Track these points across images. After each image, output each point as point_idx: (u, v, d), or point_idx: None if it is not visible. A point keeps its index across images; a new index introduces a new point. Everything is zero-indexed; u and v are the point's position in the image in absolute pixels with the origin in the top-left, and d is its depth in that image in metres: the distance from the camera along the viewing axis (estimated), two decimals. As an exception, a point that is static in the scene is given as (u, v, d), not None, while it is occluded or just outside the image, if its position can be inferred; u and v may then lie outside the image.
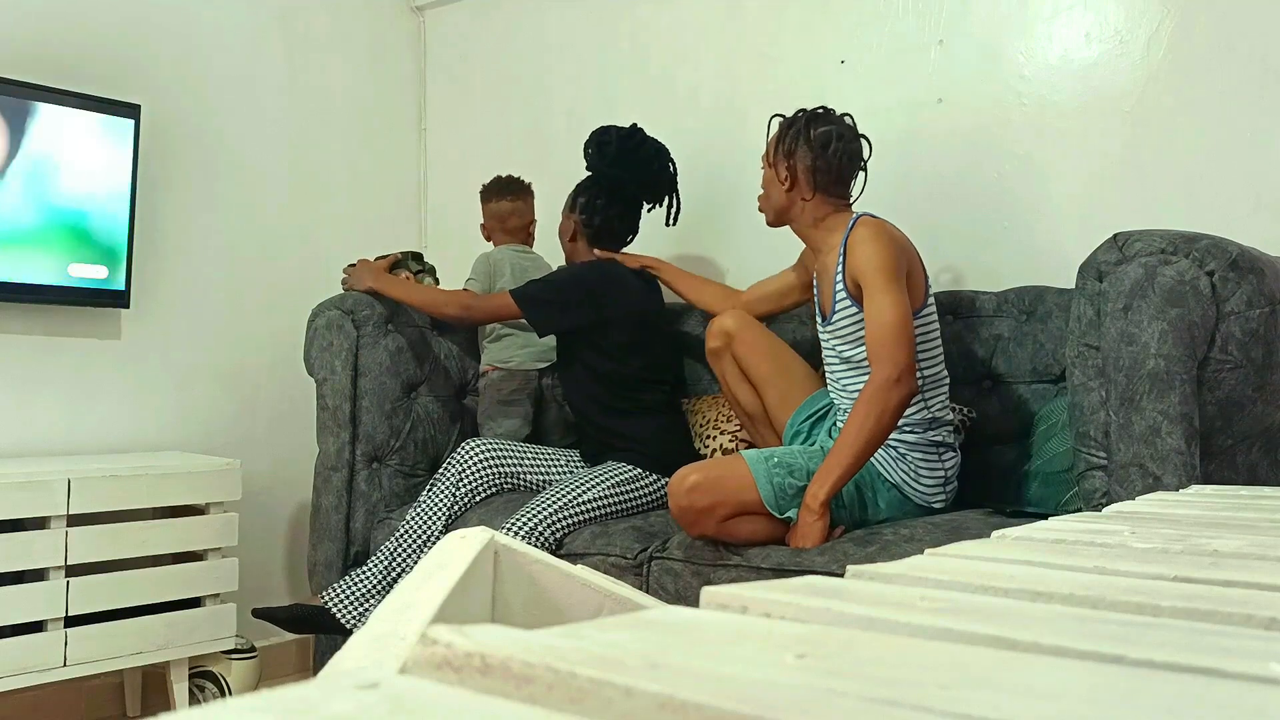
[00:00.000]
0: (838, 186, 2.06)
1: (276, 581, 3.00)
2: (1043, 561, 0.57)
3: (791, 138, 2.06)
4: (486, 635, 0.32)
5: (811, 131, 2.05)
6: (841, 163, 2.05)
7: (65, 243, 2.47)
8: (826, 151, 2.03)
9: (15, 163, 2.39)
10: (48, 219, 2.44)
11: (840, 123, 2.07)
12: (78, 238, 2.49)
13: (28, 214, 2.42)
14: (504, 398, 2.63)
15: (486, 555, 0.80)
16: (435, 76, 3.44)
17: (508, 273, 2.67)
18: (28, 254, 2.42)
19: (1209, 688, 0.31)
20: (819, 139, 2.04)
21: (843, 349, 2.05)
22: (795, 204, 2.08)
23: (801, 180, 2.05)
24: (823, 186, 2.05)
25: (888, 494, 1.98)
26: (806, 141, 2.04)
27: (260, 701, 0.27)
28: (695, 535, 1.93)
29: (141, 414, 2.72)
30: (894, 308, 1.87)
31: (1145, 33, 2.22)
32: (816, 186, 2.05)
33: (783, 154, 2.07)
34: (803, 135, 2.05)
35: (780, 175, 2.08)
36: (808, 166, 2.04)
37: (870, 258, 1.91)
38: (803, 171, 2.05)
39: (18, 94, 2.38)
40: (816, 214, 2.07)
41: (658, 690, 0.27)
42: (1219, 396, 1.57)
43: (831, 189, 2.06)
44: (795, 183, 2.06)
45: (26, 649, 2.14)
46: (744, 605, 0.42)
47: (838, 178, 2.06)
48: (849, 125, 2.08)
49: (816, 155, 2.04)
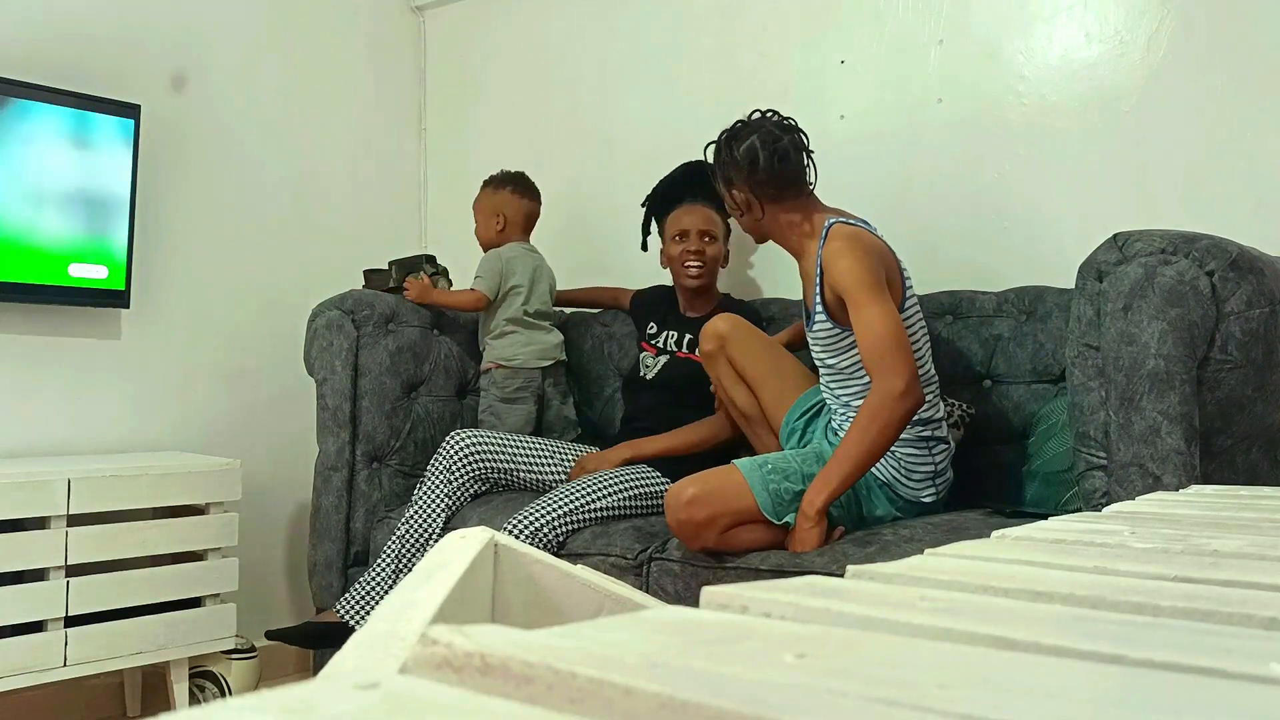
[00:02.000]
0: (787, 190, 2.04)
1: (276, 581, 3.00)
2: (1043, 561, 0.57)
3: (722, 168, 2.06)
4: (486, 635, 0.32)
5: (734, 153, 2.02)
6: (778, 169, 2.02)
7: (65, 243, 2.47)
8: (758, 167, 2.00)
9: (15, 163, 2.39)
10: (48, 219, 2.44)
11: (759, 128, 2.03)
12: (78, 238, 2.49)
13: (28, 214, 2.42)
14: (508, 395, 2.63)
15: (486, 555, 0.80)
16: (435, 76, 3.44)
17: (518, 271, 2.65)
18: (28, 254, 2.42)
19: (1209, 688, 0.31)
20: (745, 158, 2.01)
21: (825, 357, 2.05)
22: (760, 224, 2.08)
23: (752, 202, 2.05)
24: (772, 198, 2.03)
25: (880, 492, 1.99)
26: (735, 167, 2.03)
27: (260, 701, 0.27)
28: (696, 548, 1.92)
29: (141, 414, 2.72)
30: (884, 319, 1.85)
31: (1145, 33, 2.22)
32: (766, 201, 2.04)
33: (724, 185, 2.07)
34: (729, 162, 2.04)
35: (733, 206, 2.09)
36: (748, 188, 2.03)
37: (848, 272, 1.89)
38: (747, 194, 2.04)
39: (18, 94, 2.38)
40: (783, 223, 2.06)
41: (658, 690, 0.27)
42: (1219, 396, 1.57)
43: (783, 195, 2.04)
44: (749, 206, 2.06)
45: (26, 649, 2.14)
46: (744, 605, 0.42)
47: (782, 183, 2.03)
48: (770, 126, 2.04)
49: (749, 174, 2.02)
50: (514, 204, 2.71)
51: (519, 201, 2.71)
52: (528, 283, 2.66)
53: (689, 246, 2.45)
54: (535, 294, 2.67)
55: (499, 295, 2.64)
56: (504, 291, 2.64)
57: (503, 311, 2.65)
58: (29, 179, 2.41)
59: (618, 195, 2.93)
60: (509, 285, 2.64)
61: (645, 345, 2.59)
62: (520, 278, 2.64)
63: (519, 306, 2.64)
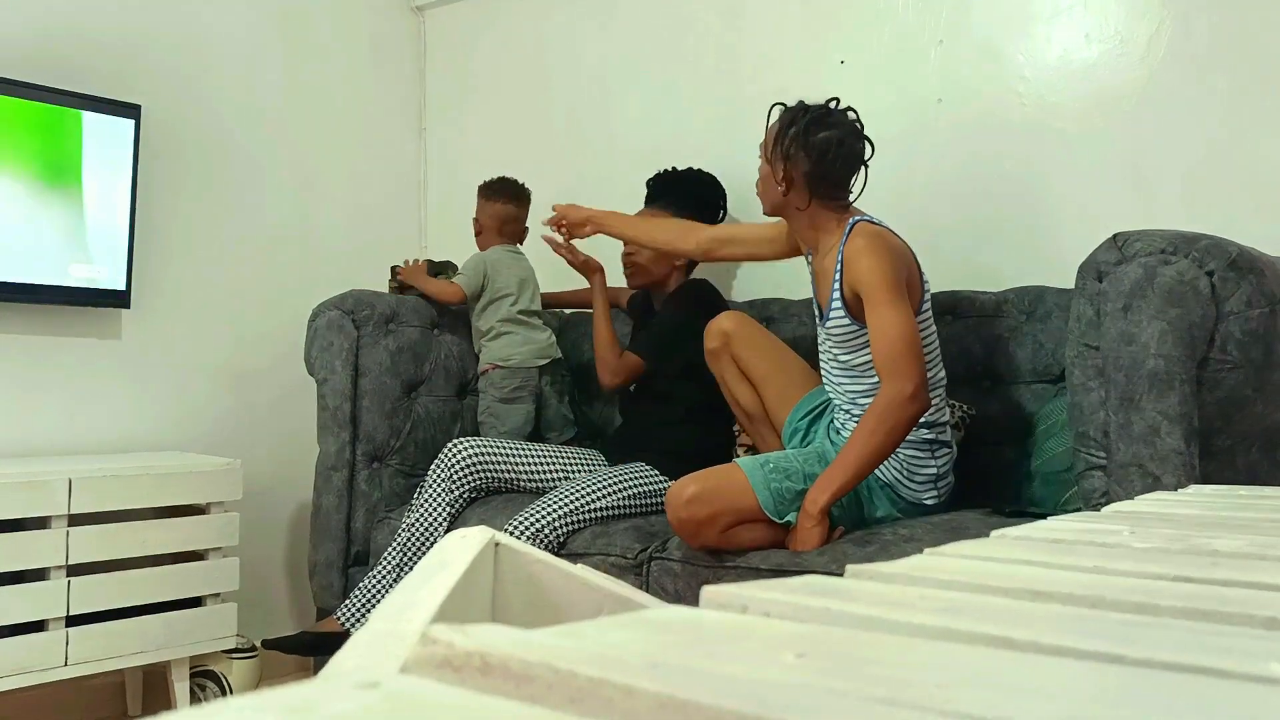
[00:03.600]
0: (835, 191, 2.01)
1: (277, 581, 3.00)
2: (1042, 561, 0.57)
3: (790, 140, 1.99)
4: (486, 635, 0.32)
5: (811, 137, 1.97)
6: (840, 171, 1.99)
7: (65, 243, 2.47)
8: (825, 159, 1.96)
9: (15, 163, 2.39)
10: (48, 219, 2.44)
11: (843, 124, 1.99)
12: (78, 238, 2.49)
13: (28, 214, 2.41)
14: (506, 396, 2.63)
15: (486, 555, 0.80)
16: (435, 76, 3.44)
17: (502, 273, 2.67)
18: (28, 254, 2.42)
19: (1209, 688, 0.31)
20: (818, 145, 1.96)
21: (838, 353, 2.04)
22: (789, 205, 2.04)
23: (798, 185, 2.00)
24: (819, 192, 1.99)
25: (882, 493, 1.99)
26: (805, 147, 1.97)
27: (260, 701, 0.27)
28: (696, 547, 1.92)
29: (141, 414, 2.72)
30: (900, 323, 1.84)
31: (1145, 33, 2.22)
32: (813, 194, 1.99)
33: (780, 155, 2.00)
34: (801, 139, 1.97)
35: (776, 175, 2.02)
36: (805, 173, 1.98)
37: (870, 270, 1.87)
38: (799, 177, 1.99)
39: (18, 94, 2.38)
40: (813, 219, 2.04)
41: (658, 690, 0.27)
42: (1218, 396, 1.57)
43: (828, 195, 2.01)
44: (791, 186, 2.01)
45: (27, 649, 2.14)
46: (744, 605, 0.42)
47: (835, 184, 2.00)
48: (852, 126, 2.00)
49: (815, 163, 1.96)
50: (486, 209, 2.75)
51: (490, 206, 2.74)
52: (515, 284, 2.67)
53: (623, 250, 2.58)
54: (524, 295, 2.68)
55: (479, 295, 2.66)
56: (492, 294, 2.66)
57: (494, 313, 2.66)
58: (29, 178, 2.41)
59: (618, 195, 2.93)
60: (496, 288, 2.65)
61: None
62: (506, 279, 2.66)
63: (509, 307, 2.66)
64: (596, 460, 2.54)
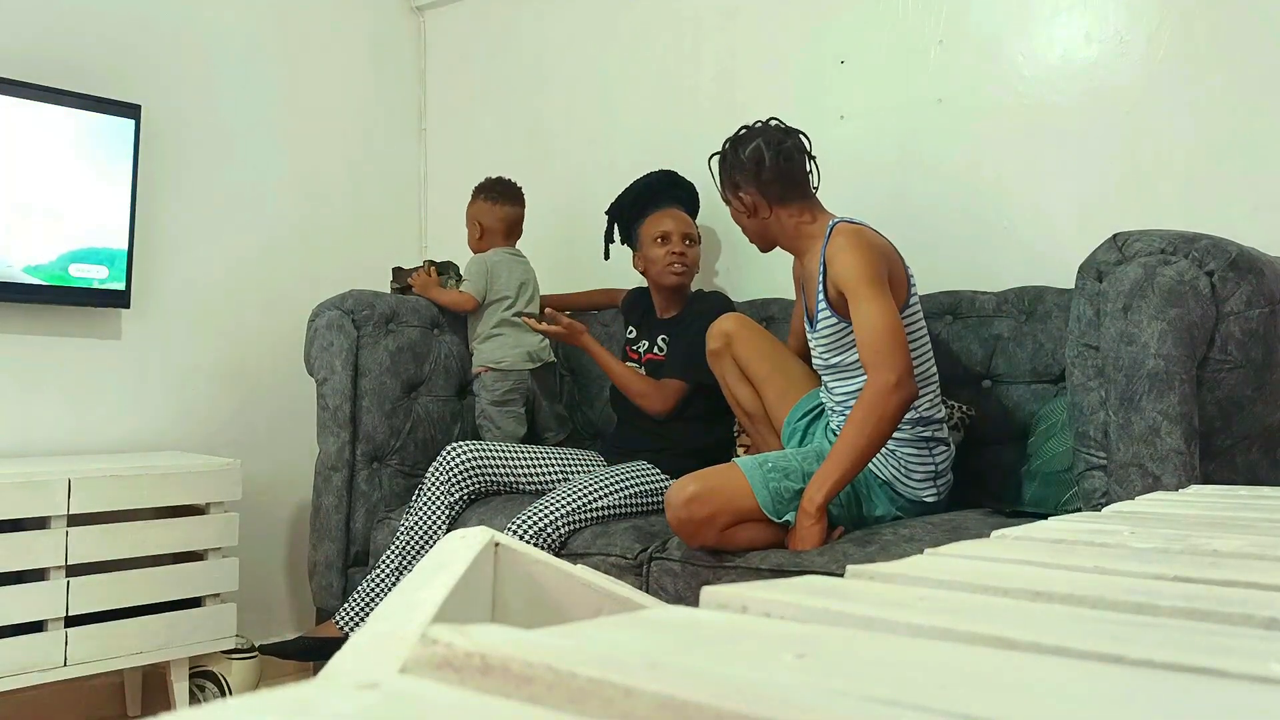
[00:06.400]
0: (793, 191, 2.08)
1: (277, 581, 3.00)
2: (1042, 561, 0.57)
3: (728, 171, 2.10)
4: (486, 635, 0.32)
5: (741, 156, 2.07)
6: (784, 168, 2.06)
7: (65, 243, 2.47)
8: (764, 168, 2.05)
9: (15, 163, 2.39)
10: (48, 219, 2.44)
11: (764, 132, 2.09)
12: (78, 238, 2.49)
13: (28, 214, 2.41)
14: (499, 398, 2.64)
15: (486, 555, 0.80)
16: (435, 76, 3.44)
17: (502, 276, 2.68)
18: (28, 254, 2.42)
19: (1209, 688, 0.31)
20: (750, 160, 2.06)
21: (827, 355, 2.06)
22: (767, 226, 2.11)
23: (759, 204, 2.08)
24: (778, 199, 2.07)
25: (881, 491, 1.99)
26: (742, 169, 2.07)
27: (260, 701, 0.27)
28: (696, 547, 1.92)
29: (141, 414, 2.72)
30: (882, 314, 1.87)
31: (1145, 33, 2.22)
32: (773, 202, 2.07)
33: (730, 189, 2.11)
34: (735, 165, 2.08)
35: (738, 209, 2.12)
36: (755, 189, 2.07)
37: (850, 267, 1.91)
38: (754, 196, 2.08)
39: (18, 94, 2.38)
40: (790, 223, 2.09)
41: (658, 690, 0.27)
42: (1219, 396, 1.57)
43: (788, 196, 2.07)
44: (756, 208, 2.09)
45: (27, 649, 2.14)
46: (744, 605, 0.42)
47: (788, 183, 2.07)
48: (773, 129, 2.10)
49: (757, 175, 2.06)
50: (488, 211, 2.75)
51: (492, 208, 2.75)
52: (514, 287, 2.67)
53: (673, 248, 2.50)
54: (520, 298, 2.68)
55: (485, 298, 2.66)
56: (491, 297, 2.67)
57: (490, 316, 2.67)
58: (29, 178, 2.41)
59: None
60: (495, 290, 2.66)
61: (630, 351, 2.62)
62: (506, 282, 2.67)
63: (504, 310, 2.66)
64: (595, 460, 2.54)
